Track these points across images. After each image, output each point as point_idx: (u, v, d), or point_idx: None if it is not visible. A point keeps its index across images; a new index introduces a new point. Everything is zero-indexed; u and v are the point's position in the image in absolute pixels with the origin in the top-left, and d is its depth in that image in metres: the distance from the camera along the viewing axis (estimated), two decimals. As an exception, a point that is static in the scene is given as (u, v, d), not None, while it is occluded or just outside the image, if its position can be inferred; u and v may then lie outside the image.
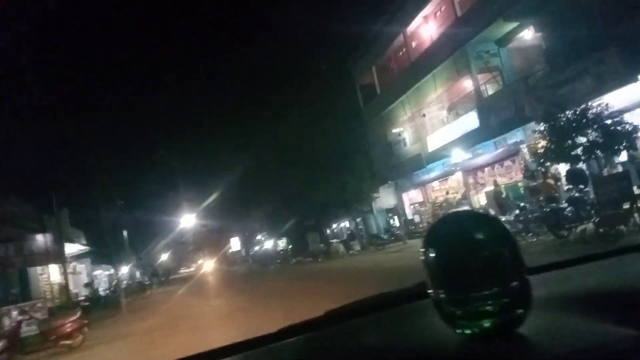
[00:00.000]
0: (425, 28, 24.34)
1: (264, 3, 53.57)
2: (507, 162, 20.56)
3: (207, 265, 72.19)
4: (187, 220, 49.54)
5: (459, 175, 23.53)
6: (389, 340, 1.08)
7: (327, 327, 1.25)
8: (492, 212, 16.19)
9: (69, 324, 10.24)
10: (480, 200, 21.66)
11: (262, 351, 1.17)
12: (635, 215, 9.10)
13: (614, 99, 12.27)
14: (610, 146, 10.61)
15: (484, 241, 0.83)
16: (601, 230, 9.09)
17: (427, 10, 23.38)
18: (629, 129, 10.43)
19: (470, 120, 20.01)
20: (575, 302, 0.99)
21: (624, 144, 10.42)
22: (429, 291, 0.90)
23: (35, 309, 10.49)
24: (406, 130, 27.02)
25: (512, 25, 17.93)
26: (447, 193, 24.46)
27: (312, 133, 30.34)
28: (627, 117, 11.75)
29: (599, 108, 10.81)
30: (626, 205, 9.04)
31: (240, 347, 1.15)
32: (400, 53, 26.69)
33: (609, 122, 10.81)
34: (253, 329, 1.26)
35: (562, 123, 10.98)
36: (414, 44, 25.31)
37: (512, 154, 19.56)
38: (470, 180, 23.05)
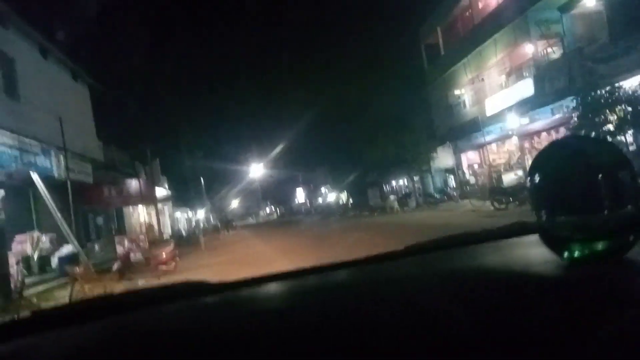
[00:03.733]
0: (491, -11, 24.46)
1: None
2: (563, 129, 21.00)
3: (273, 214, 76.44)
4: (256, 170, 52.41)
5: (515, 140, 24.15)
6: (472, 268, 1.06)
7: (407, 258, 1.25)
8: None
9: (165, 253, 12.92)
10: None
11: (340, 273, 1.19)
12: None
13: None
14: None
15: (600, 163, 0.81)
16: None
17: (495, -29, 23.50)
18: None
19: (526, 87, 20.57)
20: None
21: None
22: (535, 216, 0.89)
23: (140, 240, 13.24)
24: (466, 92, 27.61)
25: (575, -8, 18.07)
26: (510, 156, 25.17)
27: (376, 91, 31.60)
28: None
29: (631, 87, 11.56)
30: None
31: (324, 269, 1.20)
32: (466, 14, 26.92)
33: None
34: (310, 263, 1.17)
35: (593, 99, 11.84)
36: (480, 5, 25.51)
37: (567, 120, 20.02)
38: (526, 145, 23.65)
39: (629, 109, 11.57)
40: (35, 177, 12.98)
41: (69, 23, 17.12)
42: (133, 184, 20.51)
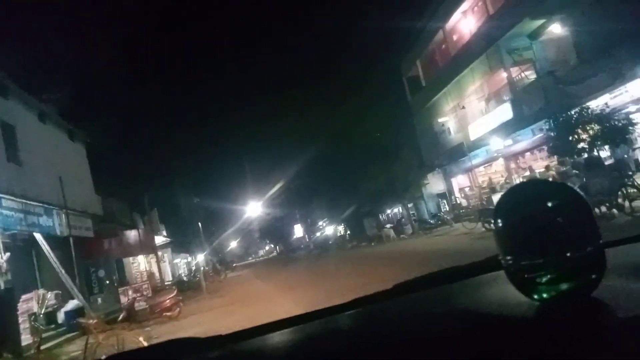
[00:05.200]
0: (464, 23, 25.66)
1: (317, 3, 56.04)
2: (545, 148, 21.76)
3: (272, 251, 76.43)
4: (253, 209, 52.62)
5: (501, 161, 24.92)
6: (459, 308, 1.10)
7: (395, 298, 1.28)
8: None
9: (169, 300, 13.29)
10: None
11: (332, 319, 1.22)
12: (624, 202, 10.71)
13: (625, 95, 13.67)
14: (611, 139, 12.14)
15: (559, 206, 0.84)
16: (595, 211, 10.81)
17: (465, 5, 24.75)
18: (626, 123, 11.92)
19: (505, 111, 21.46)
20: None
21: (622, 137, 11.93)
22: (501, 260, 0.91)
23: (143, 289, 13.63)
24: (450, 120, 28.54)
25: (540, 21, 19.15)
26: (490, 180, 25.90)
27: (365, 125, 32.56)
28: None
29: (599, 106, 12.33)
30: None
31: (311, 317, 1.22)
32: (443, 47, 28.13)
33: (611, 117, 12.32)
34: (312, 305, 1.46)
35: (565, 119, 12.60)
36: (455, 38, 26.71)
37: (548, 140, 20.80)
38: (512, 165, 24.38)
39: (598, 127, 12.30)
40: (38, 237, 13.45)
41: (63, 87, 17.92)
42: (132, 235, 20.95)
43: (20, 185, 12.77)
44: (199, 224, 30.02)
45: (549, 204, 0.84)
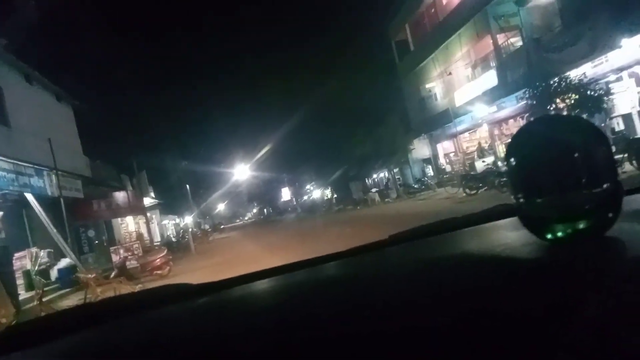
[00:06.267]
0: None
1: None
2: (528, 115, 22.20)
3: (260, 213, 77.24)
4: (241, 172, 53.04)
5: (485, 127, 25.36)
6: (459, 253, 1.07)
7: (391, 247, 1.25)
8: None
9: (159, 259, 13.76)
10: (504, 149, 23.61)
11: (324, 267, 1.19)
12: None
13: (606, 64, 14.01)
14: (588, 109, 12.58)
15: (575, 141, 0.79)
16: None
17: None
18: (602, 93, 12.34)
19: (490, 78, 21.76)
20: None
21: (598, 106, 12.37)
22: (513, 200, 0.87)
23: (134, 249, 14.05)
24: (437, 85, 28.78)
25: (528, -13, 19.22)
26: (479, 144, 26.39)
27: (352, 89, 32.69)
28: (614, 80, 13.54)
29: (577, 76, 12.70)
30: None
31: (310, 263, 1.21)
32: (432, 11, 28.02)
33: (589, 87, 12.72)
34: (297, 258, 1.28)
35: (544, 88, 12.97)
36: (444, 2, 26.61)
37: (532, 107, 21.24)
38: (496, 132, 24.86)
39: (576, 96, 12.71)
40: (30, 197, 13.70)
41: (49, 48, 17.78)
42: (121, 196, 21.20)
43: (10, 146, 12.92)
44: (187, 186, 30.32)
45: (565, 139, 0.80)
